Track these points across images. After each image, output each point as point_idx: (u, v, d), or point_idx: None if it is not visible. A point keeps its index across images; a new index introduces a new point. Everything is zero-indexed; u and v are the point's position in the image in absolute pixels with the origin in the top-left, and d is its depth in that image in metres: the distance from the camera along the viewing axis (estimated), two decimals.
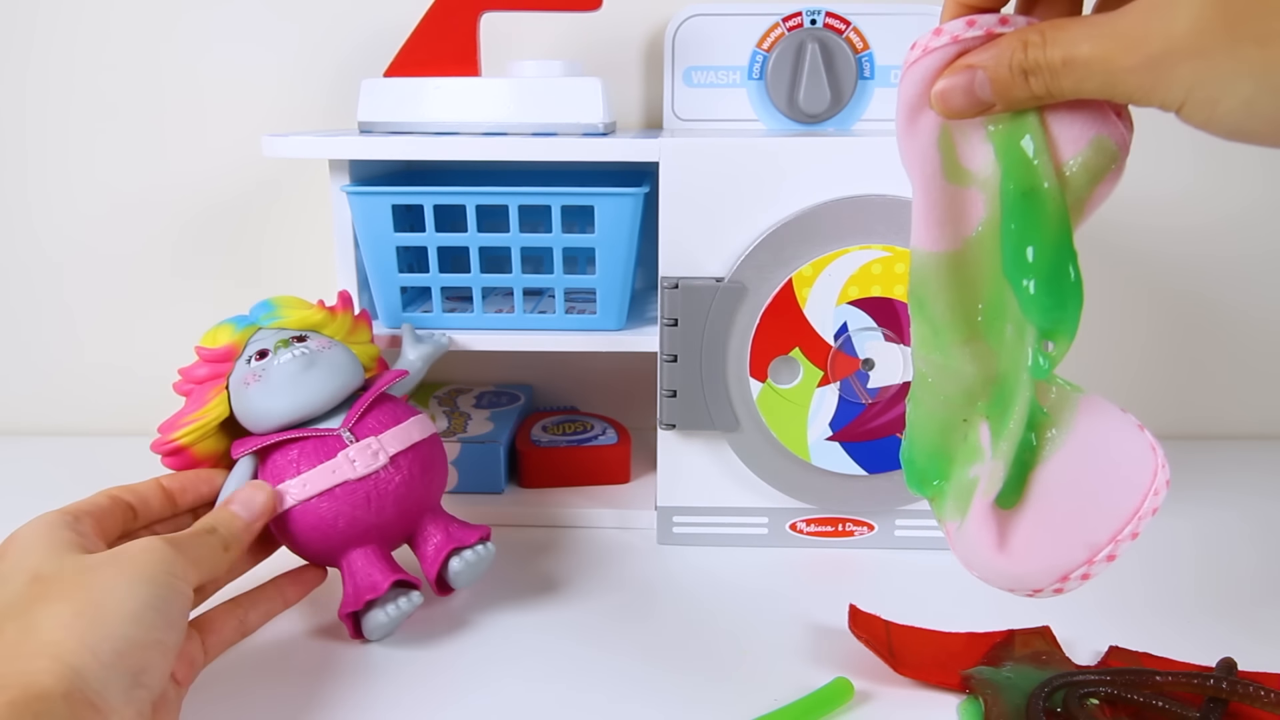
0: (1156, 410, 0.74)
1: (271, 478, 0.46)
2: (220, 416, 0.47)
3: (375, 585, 0.45)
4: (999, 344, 0.36)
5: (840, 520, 0.56)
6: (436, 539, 0.47)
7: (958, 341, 0.36)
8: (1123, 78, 0.30)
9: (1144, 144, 0.68)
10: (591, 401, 0.73)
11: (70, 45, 0.69)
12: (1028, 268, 0.33)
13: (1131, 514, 0.32)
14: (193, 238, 0.72)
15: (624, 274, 0.55)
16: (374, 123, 0.56)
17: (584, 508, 0.60)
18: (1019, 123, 0.33)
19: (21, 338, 0.74)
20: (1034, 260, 0.33)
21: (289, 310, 0.49)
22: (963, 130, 0.34)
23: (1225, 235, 0.70)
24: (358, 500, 0.45)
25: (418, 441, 0.47)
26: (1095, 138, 0.32)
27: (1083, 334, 0.34)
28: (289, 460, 0.46)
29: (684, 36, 0.63)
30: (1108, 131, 0.32)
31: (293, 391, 0.46)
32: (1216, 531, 0.58)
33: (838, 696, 0.41)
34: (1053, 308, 0.33)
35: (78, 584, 0.35)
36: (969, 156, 0.35)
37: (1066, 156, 0.33)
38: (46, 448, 0.72)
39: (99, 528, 0.40)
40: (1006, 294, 0.34)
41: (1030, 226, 0.33)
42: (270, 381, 0.46)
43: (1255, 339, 0.73)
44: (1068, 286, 0.33)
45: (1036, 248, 0.33)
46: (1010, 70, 0.32)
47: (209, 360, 0.47)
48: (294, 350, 0.47)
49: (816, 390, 0.52)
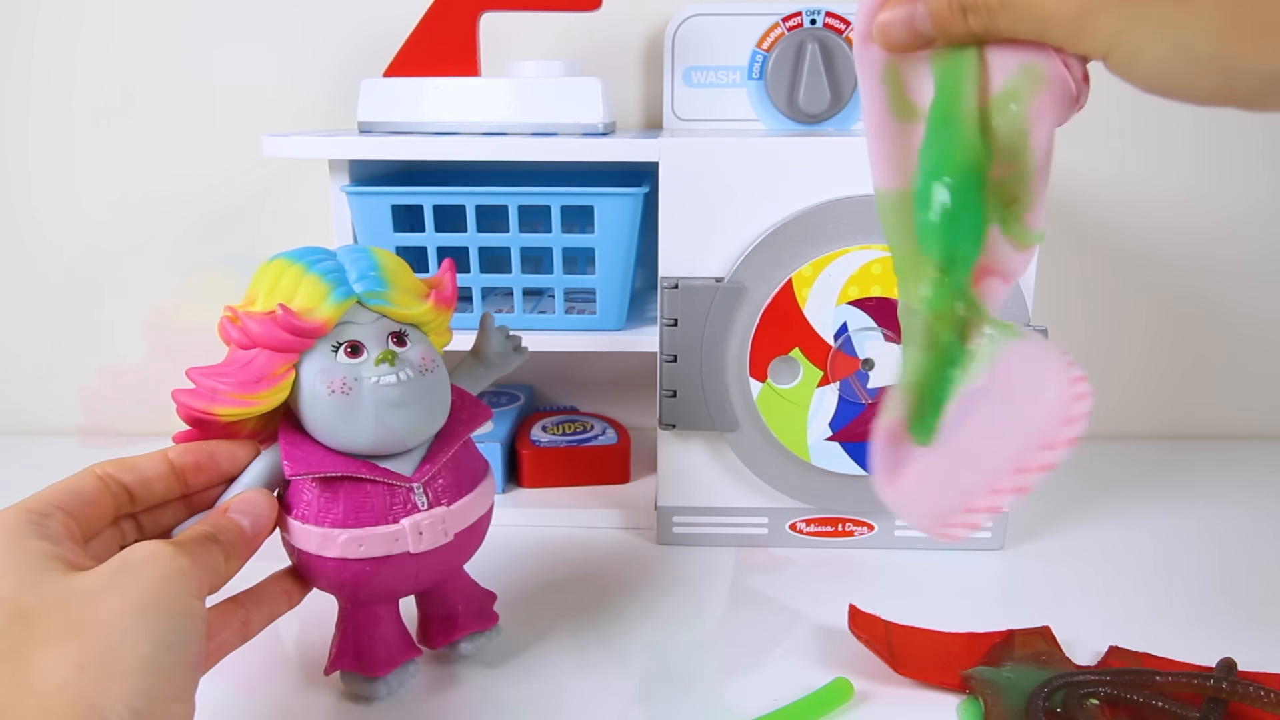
0: (1156, 410, 0.75)
1: (316, 513, 0.39)
2: (280, 402, 0.38)
3: (389, 661, 0.42)
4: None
5: (840, 520, 0.56)
6: (458, 615, 0.44)
7: (911, 280, 0.35)
8: (1054, 23, 0.30)
9: (1144, 144, 0.68)
10: (591, 401, 0.73)
11: (73, 45, 0.68)
12: (927, 197, 0.32)
13: (1035, 445, 0.30)
14: (194, 237, 0.72)
15: (624, 274, 0.55)
16: (374, 123, 0.56)
17: (584, 508, 0.60)
18: (958, 57, 0.32)
19: (22, 338, 0.74)
20: (937, 189, 0.32)
21: (400, 296, 0.40)
22: (910, 65, 0.34)
23: (1226, 236, 0.70)
24: (406, 573, 0.40)
25: (484, 515, 0.43)
26: (1023, 64, 0.32)
27: (1083, 334, 0.34)
28: (348, 504, 0.39)
29: (684, 36, 0.63)
30: (1039, 60, 0.31)
31: (384, 424, 0.38)
32: (1216, 531, 0.58)
33: (837, 696, 0.41)
34: (945, 238, 0.32)
35: (74, 620, 0.28)
36: (915, 91, 0.34)
37: (996, 86, 0.32)
38: (47, 448, 0.72)
39: (75, 524, 0.33)
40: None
41: (941, 154, 0.32)
42: (361, 403, 0.38)
43: (1255, 339, 0.73)
44: (965, 219, 0.32)
45: (941, 176, 0.32)
46: (949, 7, 0.31)
47: (290, 330, 0.37)
48: (398, 371, 0.38)
49: (816, 390, 0.52)
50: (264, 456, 0.40)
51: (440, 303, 0.42)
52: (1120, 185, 0.69)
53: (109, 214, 0.71)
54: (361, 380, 0.38)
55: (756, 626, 0.48)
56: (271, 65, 0.69)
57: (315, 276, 0.38)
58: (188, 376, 0.37)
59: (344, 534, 0.38)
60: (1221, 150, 0.68)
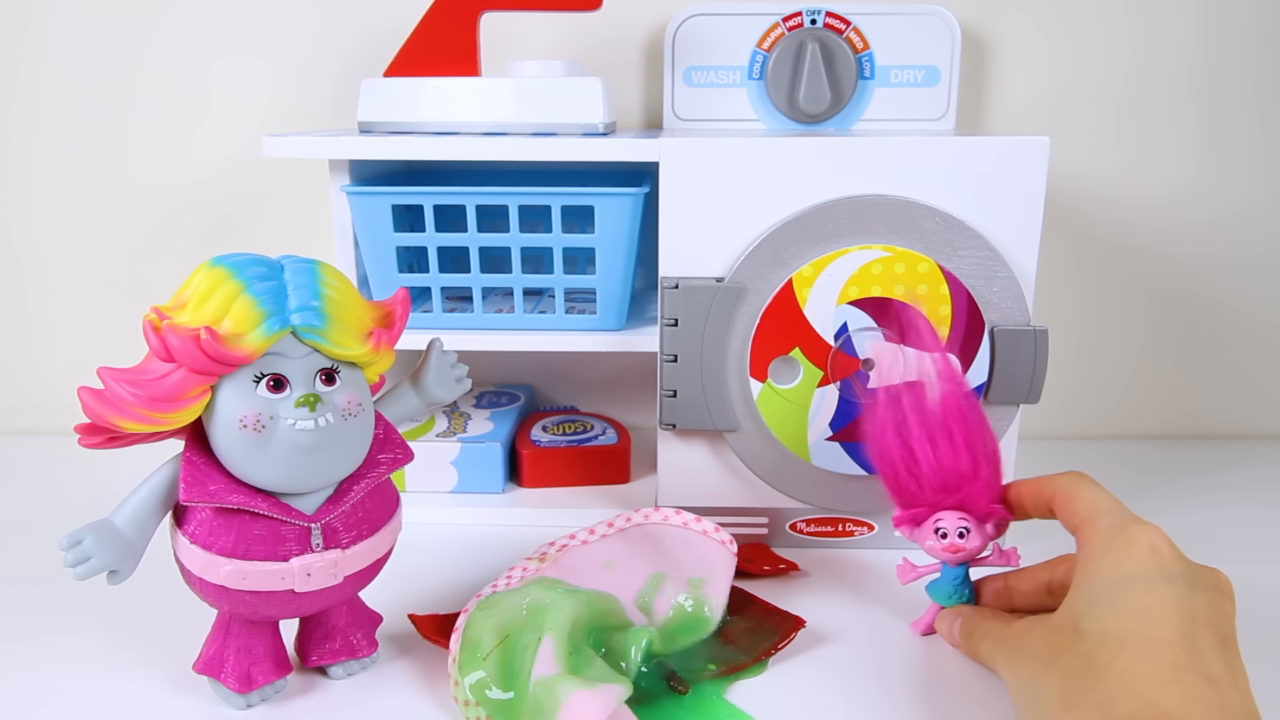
0: (1155, 410, 0.74)
1: (205, 536, 0.38)
2: (188, 423, 0.37)
3: (257, 680, 0.41)
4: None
5: (840, 520, 0.56)
6: (336, 639, 0.43)
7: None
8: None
9: (1144, 142, 0.68)
10: (591, 401, 0.73)
11: (73, 46, 0.68)
12: None
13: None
14: (195, 238, 0.72)
15: (624, 274, 0.55)
16: (374, 123, 0.56)
17: (584, 508, 0.60)
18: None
19: (22, 338, 0.74)
20: None
21: (339, 334, 0.38)
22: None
23: (1224, 234, 0.70)
24: (288, 605, 0.39)
25: (381, 557, 0.42)
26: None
27: (1082, 333, 0.34)
28: (239, 536, 0.38)
29: (684, 36, 0.63)
30: None
31: (291, 467, 0.37)
32: (1215, 531, 0.58)
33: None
34: None
35: None
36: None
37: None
38: (46, 448, 0.72)
39: None
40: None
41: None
42: (272, 443, 0.37)
43: (1254, 339, 0.73)
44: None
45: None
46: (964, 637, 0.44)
47: (213, 356, 0.35)
48: (318, 417, 0.37)
49: (816, 390, 0.52)
50: (166, 467, 0.39)
51: (382, 345, 0.39)
52: (1119, 184, 0.69)
53: (110, 214, 0.71)
54: (278, 419, 0.36)
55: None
56: (272, 65, 0.69)
57: (250, 301, 0.36)
58: (98, 376, 0.36)
59: (229, 564, 0.37)
60: (1220, 148, 0.69)
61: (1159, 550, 0.36)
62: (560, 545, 0.48)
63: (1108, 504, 0.39)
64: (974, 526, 0.44)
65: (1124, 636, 0.33)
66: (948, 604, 0.45)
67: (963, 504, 0.44)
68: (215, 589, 0.38)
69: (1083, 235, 0.70)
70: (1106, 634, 0.34)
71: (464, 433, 0.62)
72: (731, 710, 0.41)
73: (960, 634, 0.44)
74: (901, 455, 0.44)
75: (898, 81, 0.64)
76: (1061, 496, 0.41)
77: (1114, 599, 0.35)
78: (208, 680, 0.41)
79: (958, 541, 0.44)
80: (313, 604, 0.40)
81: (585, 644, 0.42)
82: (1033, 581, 0.45)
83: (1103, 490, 0.40)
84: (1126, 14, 0.66)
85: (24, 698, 0.42)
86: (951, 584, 0.45)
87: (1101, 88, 0.67)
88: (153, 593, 0.44)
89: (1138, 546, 0.36)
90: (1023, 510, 0.44)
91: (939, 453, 0.44)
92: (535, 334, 0.56)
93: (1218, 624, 0.34)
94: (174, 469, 0.38)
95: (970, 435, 0.44)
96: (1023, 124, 0.68)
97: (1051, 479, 0.42)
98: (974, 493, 0.44)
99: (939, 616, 0.46)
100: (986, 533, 0.44)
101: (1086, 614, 0.35)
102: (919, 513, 0.45)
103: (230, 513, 0.38)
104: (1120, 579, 0.35)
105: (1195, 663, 0.32)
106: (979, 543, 0.44)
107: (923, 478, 0.44)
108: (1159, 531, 0.37)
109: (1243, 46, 0.67)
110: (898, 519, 0.45)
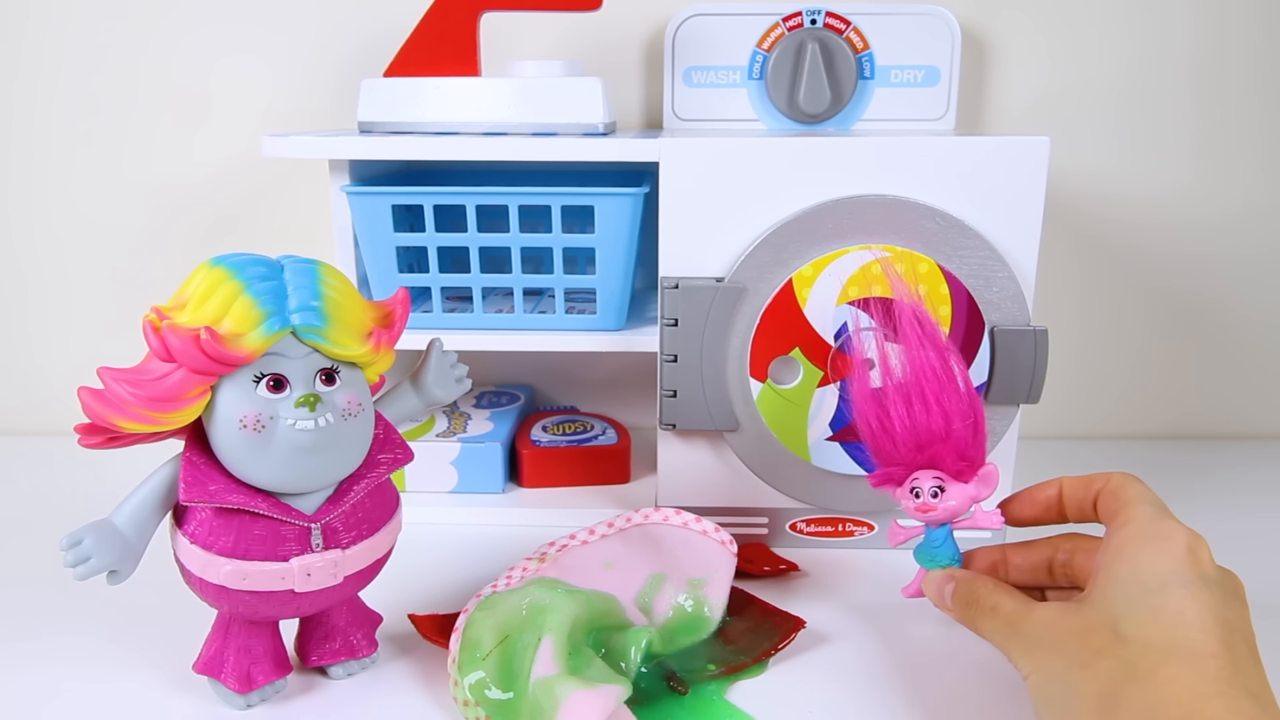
0: (1155, 410, 0.74)
1: (205, 536, 0.38)
2: (188, 423, 0.37)
3: (256, 680, 0.41)
4: None
5: (840, 520, 0.56)
6: (335, 639, 0.43)
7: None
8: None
9: (1144, 142, 0.68)
10: (591, 401, 0.73)
11: (74, 48, 0.69)
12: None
13: None
14: (195, 238, 0.72)
15: (624, 274, 0.55)
16: (374, 123, 0.56)
17: (584, 508, 0.60)
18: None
19: (22, 337, 0.74)
20: None
21: (339, 334, 0.38)
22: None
23: (1224, 234, 0.70)
24: (288, 605, 0.39)
25: (381, 557, 0.42)
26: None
27: (1082, 333, 0.34)
28: (239, 536, 0.38)
29: (684, 36, 0.63)
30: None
31: (291, 467, 0.37)
32: (1214, 532, 0.58)
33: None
34: None
35: None
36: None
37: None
38: (46, 448, 0.72)
39: None
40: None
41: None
42: (272, 443, 0.37)
43: (1254, 339, 0.73)
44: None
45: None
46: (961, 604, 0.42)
47: (213, 356, 0.35)
48: (318, 417, 0.37)
49: (816, 390, 0.52)
50: (166, 467, 0.39)
51: (382, 345, 0.40)
52: (1119, 184, 0.69)
53: (110, 214, 0.71)
54: (277, 419, 0.37)
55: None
56: (272, 65, 0.69)
57: (250, 301, 0.36)
58: (98, 376, 0.36)
59: (229, 564, 0.38)
60: (1220, 148, 0.69)
61: (1197, 554, 0.36)
62: (560, 545, 0.48)
63: (1151, 497, 0.39)
64: (951, 487, 0.44)
65: (1169, 647, 0.33)
66: (930, 566, 0.45)
67: (933, 461, 0.43)
68: (215, 589, 0.38)
69: (1083, 235, 0.70)
70: (1149, 642, 0.34)
71: (464, 433, 0.62)
72: (731, 710, 0.41)
73: (955, 600, 0.42)
74: (877, 414, 0.44)
75: (898, 81, 0.64)
76: (1112, 486, 0.41)
77: (1156, 604, 0.35)
78: (208, 680, 0.41)
79: (930, 501, 0.43)
80: (313, 604, 0.40)
81: (585, 644, 0.42)
82: (1033, 558, 0.44)
83: (1151, 491, 0.40)
84: (1126, 14, 0.66)
85: (24, 698, 0.42)
86: (932, 546, 0.44)
87: (1101, 88, 0.67)
88: (153, 593, 0.44)
89: (1177, 544, 0.36)
90: (1057, 504, 0.43)
91: (912, 411, 0.43)
92: (535, 334, 0.56)
93: (1246, 633, 0.34)
94: (174, 469, 0.39)
95: (942, 394, 0.43)
96: (1023, 124, 0.68)
97: (1104, 474, 0.42)
98: (944, 451, 0.43)
99: (926, 578, 0.44)
100: (968, 494, 0.44)
101: (1126, 618, 0.35)
102: (895, 471, 0.44)
103: (230, 513, 0.38)
104: (1161, 582, 0.35)
105: (1238, 677, 0.32)
106: (957, 503, 0.43)
107: (896, 436, 0.44)
108: (1198, 535, 0.37)
109: (1242, 47, 0.67)
110: (874, 478, 0.45)
